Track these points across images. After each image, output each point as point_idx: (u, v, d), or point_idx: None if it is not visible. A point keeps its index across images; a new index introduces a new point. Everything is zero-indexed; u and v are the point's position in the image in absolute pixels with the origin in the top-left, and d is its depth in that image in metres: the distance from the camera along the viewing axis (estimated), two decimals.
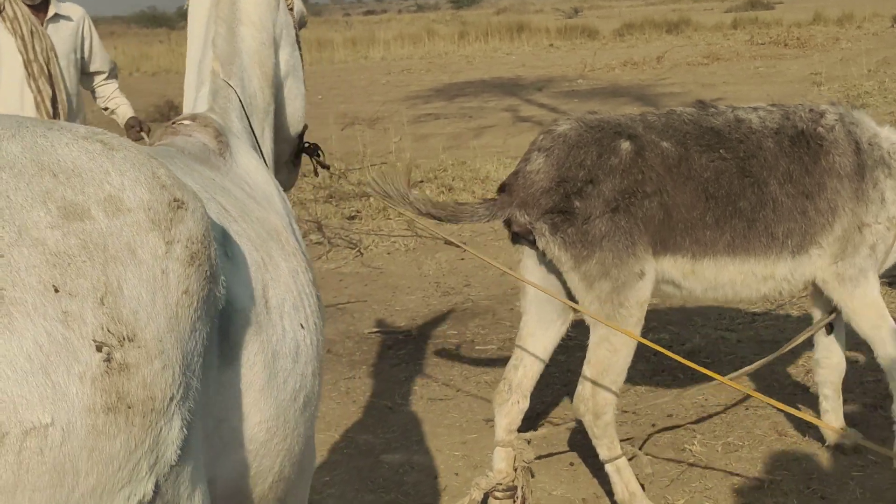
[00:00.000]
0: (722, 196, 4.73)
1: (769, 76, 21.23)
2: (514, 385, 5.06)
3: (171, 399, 1.72)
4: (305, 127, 3.75)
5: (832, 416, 5.45)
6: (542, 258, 4.87)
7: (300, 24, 3.62)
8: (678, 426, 5.87)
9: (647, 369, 6.58)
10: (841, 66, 20.94)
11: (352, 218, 11.08)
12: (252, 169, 2.91)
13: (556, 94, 20.93)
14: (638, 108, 18.08)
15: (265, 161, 3.16)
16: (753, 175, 4.78)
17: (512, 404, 5.05)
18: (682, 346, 6.95)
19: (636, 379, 6.40)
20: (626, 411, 5.91)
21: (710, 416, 5.95)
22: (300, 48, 3.61)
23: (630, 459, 4.99)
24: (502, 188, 4.89)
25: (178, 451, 1.75)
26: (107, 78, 6.93)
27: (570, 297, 4.82)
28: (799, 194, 4.82)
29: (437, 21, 49.41)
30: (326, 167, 3.95)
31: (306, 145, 3.71)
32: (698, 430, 5.79)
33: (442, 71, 27.36)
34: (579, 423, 5.90)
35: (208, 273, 1.85)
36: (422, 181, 12.39)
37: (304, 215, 11.14)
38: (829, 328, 5.39)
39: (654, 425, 5.89)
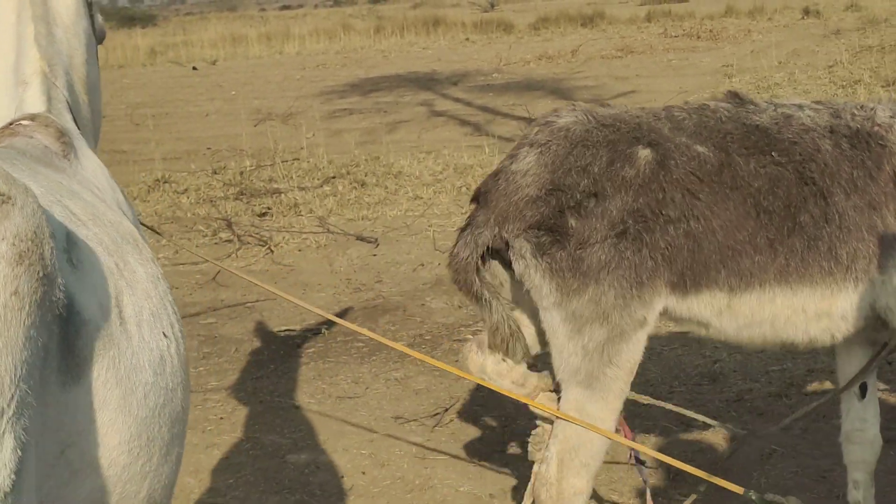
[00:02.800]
0: (779, 209, 3.82)
1: (682, 69, 21.41)
2: None
3: (1, 414, 1.60)
4: None
5: None
6: (516, 287, 4.00)
7: (99, 39, 3.42)
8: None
9: None
10: (752, 57, 21.16)
11: (262, 215, 10.96)
12: (98, 172, 2.76)
13: (472, 88, 20.90)
14: (553, 101, 18.13)
15: None
16: (815, 182, 3.86)
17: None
18: None
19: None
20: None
21: None
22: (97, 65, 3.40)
23: None
24: (478, 196, 3.97)
25: (12, 477, 1.62)
26: None
27: (542, 340, 4.00)
28: (866, 206, 3.89)
29: (354, 16, 49.15)
30: None
31: None
32: None
33: (357, 66, 27.21)
34: (489, 419, 5.90)
35: (41, 274, 1.72)
36: (334, 177, 12.31)
37: (214, 213, 11.01)
38: (863, 391, 4.23)
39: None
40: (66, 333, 1.89)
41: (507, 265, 3.89)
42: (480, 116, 17.11)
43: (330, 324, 7.68)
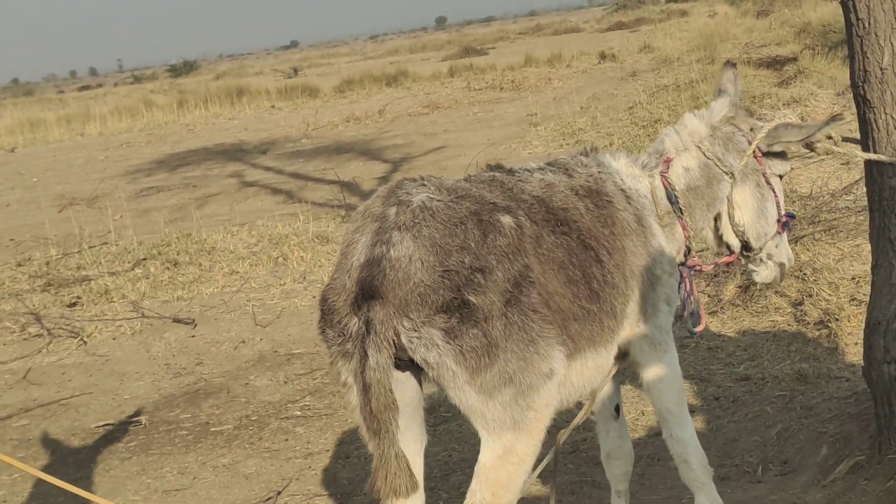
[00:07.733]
0: (579, 278, 3.91)
1: (488, 121, 21.68)
2: None
3: None
4: None
5: None
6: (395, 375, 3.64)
7: None
8: None
9: None
10: (555, 105, 21.59)
11: (73, 305, 10.50)
12: None
13: (281, 155, 20.74)
14: (363, 162, 18.10)
15: None
16: (592, 248, 4.01)
17: None
18: None
19: None
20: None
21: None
22: None
23: None
24: (364, 290, 3.59)
25: None
26: None
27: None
28: (620, 261, 4.11)
29: (155, 91, 48.43)
30: None
31: None
32: (443, 487, 5.66)
33: (162, 142, 26.72)
34: (322, 499, 5.70)
35: None
36: (145, 259, 11.93)
37: (21, 307, 10.50)
38: (617, 412, 4.62)
39: None
40: None
41: (401, 361, 3.63)
42: (292, 184, 16.95)
43: (150, 413, 7.37)
